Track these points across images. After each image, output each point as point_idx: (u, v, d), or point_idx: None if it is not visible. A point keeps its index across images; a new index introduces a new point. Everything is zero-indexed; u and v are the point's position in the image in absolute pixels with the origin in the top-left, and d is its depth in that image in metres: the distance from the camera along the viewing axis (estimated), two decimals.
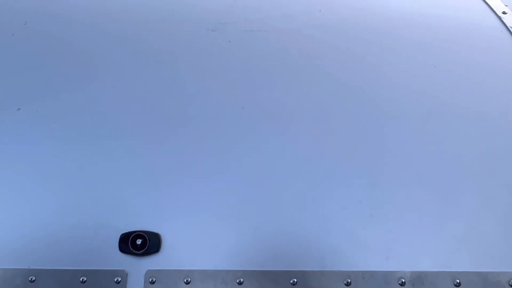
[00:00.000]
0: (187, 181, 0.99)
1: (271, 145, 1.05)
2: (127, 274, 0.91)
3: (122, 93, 1.15)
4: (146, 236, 0.93)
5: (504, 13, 1.40)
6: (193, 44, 1.29)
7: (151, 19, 1.37)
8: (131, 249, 0.92)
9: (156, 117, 1.09)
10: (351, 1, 1.43)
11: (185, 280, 0.90)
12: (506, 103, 1.15)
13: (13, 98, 1.13)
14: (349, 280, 0.90)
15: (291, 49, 1.28)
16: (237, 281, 0.90)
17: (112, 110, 1.11)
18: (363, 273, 0.91)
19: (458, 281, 0.90)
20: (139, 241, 0.92)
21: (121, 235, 0.93)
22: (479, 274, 0.91)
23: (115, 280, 0.91)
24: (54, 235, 0.93)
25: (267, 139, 1.06)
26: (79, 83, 1.18)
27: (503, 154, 1.05)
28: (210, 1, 1.44)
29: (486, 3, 1.45)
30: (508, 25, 1.35)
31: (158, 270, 0.92)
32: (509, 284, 0.90)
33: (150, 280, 0.90)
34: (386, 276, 0.91)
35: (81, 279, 0.91)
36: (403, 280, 0.90)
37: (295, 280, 0.91)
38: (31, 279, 0.90)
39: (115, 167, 1.01)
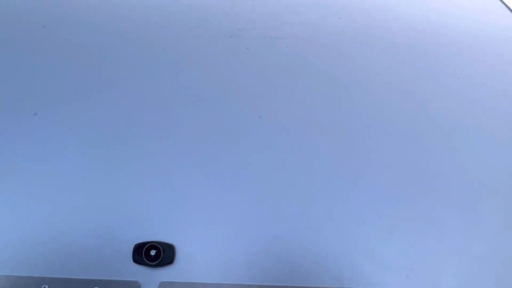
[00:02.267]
0: (203, 192, 0.97)
1: (289, 156, 1.03)
2: (140, 286, 0.90)
3: (138, 100, 1.14)
4: (160, 247, 0.91)
5: None
6: (210, 50, 1.27)
7: (167, 24, 1.35)
8: (145, 260, 0.91)
9: (172, 125, 1.08)
10: (372, 10, 1.41)
11: None
12: None
13: (30, 103, 1.12)
14: None
15: (311, 57, 1.25)
16: None
17: (128, 117, 1.10)
18: None
19: None
20: (153, 252, 0.91)
21: (135, 245, 0.92)
22: None
23: None
24: (68, 244, 0.92)
25: (284, 150, 1.04)
26: (96, 88, 1.17)
27: None
28: (228, 7, 1.42)
29: (511, 10, 1.41)
30: None
31: (171, 282, 0.90)
32: None
33: None
34: None
35: None
36: None
37: None
38: (44, 287, 0.90)
39: (130, 176, 0.99)
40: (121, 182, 0.99)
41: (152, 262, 0.90)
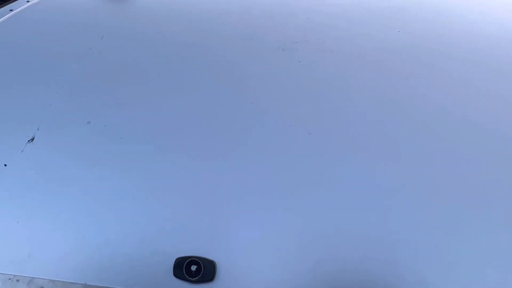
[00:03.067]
0: (248, 209, 0.94)
1: (339, 177, 0.98)
2: None
3: (186, 112, 1.14)
4: (201, 262, 0.89)
5: None
6: (262, 63, 1.25)
7: (221, 36, 1.35)
8: (185, 275, 0.89)
9: (218, 140, 1.06)
10: (432, 23, 1.33)
11: None
12: None
13: (84, 111, 1.15)
14: None
15: (365, 72, 1.20)
16: None
17: (176, 130, 1.10)
18: None
19: None
20: (193, 267, 0.89)
21: (176, 259, 0.90)
22: None
23: None
24: (111, 254, 0.92)
25: (334, 170, 0.99)
26: (149, 99, 1.19)
27: None
28: (282, 19, 1.40)
29: None
30: None
31: None
32: None
33: None
34: None
35: None
36: None
37: None
38: None
39: (175, 189, 0.98)
40: (166, 195, 0.98)
41: (193, 278, 0.89)
